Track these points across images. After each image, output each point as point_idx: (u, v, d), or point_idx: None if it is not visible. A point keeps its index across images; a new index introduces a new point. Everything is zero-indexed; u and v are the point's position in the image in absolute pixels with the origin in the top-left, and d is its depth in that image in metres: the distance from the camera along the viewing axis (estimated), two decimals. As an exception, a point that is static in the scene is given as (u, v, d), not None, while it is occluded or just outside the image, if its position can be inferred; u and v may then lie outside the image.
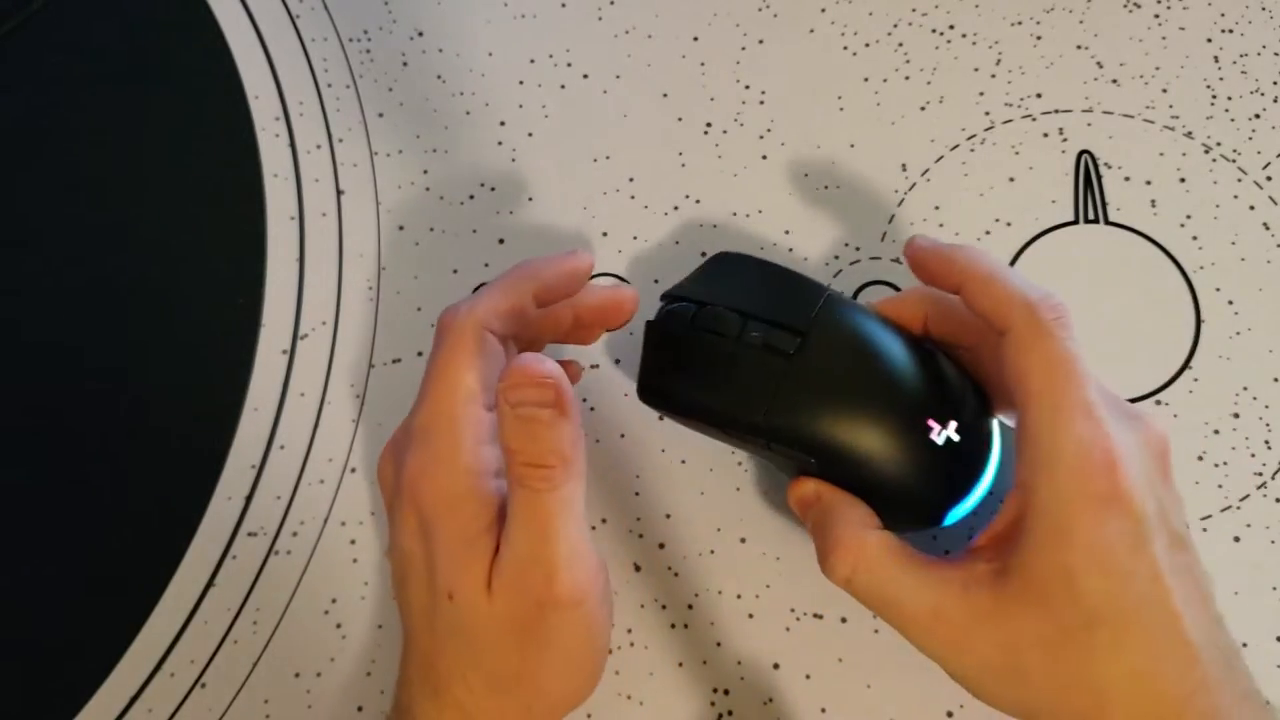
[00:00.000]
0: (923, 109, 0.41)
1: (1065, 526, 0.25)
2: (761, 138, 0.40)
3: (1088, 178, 0.39)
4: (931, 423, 0.30)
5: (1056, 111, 0.41)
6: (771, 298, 0.32)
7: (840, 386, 0.30)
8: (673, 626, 0.33)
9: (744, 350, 0.31)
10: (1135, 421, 0.27)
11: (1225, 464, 0.35)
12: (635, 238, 0.39)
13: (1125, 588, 0.25)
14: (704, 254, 0.38)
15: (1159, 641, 0.25)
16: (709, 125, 0.41)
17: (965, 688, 0.27)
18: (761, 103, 0.41)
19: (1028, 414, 0.27)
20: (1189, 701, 0.25)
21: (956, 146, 0.40)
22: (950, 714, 0.32)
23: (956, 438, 0.30)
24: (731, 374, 0.31)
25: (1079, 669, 0.25)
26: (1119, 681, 0.25)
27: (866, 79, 0.41)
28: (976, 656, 0.27)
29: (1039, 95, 0.41)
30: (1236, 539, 0.34)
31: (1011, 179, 0.39)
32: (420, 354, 0.37)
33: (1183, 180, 0.39)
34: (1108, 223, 0.39)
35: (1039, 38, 0.42)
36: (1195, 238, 0.38)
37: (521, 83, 0.42)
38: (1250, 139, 0.40)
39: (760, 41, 0.42)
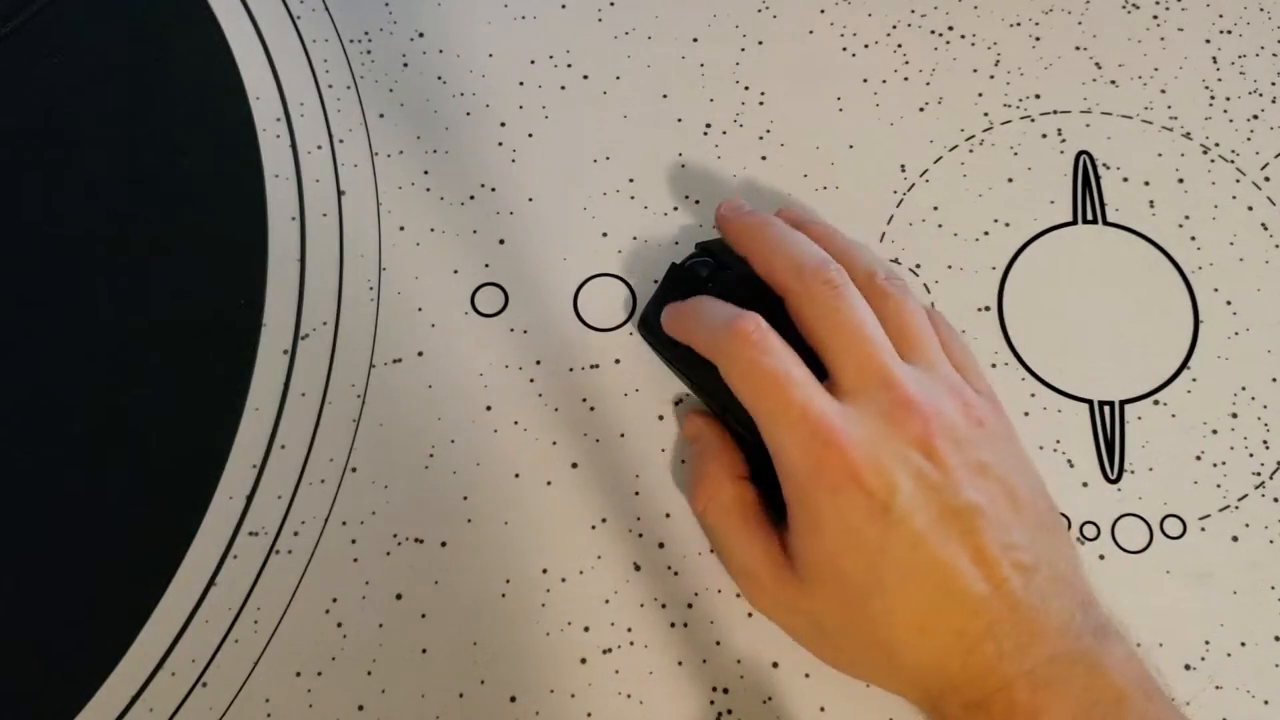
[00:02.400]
0: (922, 110, 0.41)
1: (814, 519, 0.28)
2: (761, 138, 0.40)
3: (1086, 178, 0.39)
4: None
5: (1055, 112, 0.41)
6: None
7: None
8: (672, 626, 0.33)
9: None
10: (894, 409, 0.28)
11: (1223, 464, 0.35)
12: (635, 238, 0.39)
13: (882, 559, 0.27)
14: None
15: (933, 598, 0.27)
16: (709, 126, 0.41)
17: (800, 644, 0.31)
18: (761, 103, 0.41)
19: (758, 424, 0.30)
20: (977, 644, 0.27)
21: (955, 147, 0.40)
22: (949, 713, 0.32)
23: None
24: None
25: (869, 633, 0.28)
26: (904, 637, 0.28)
27: (865, 80, 0.42)
28: (789, 620, 0.31)
29: (1038, 96, 0.41)
30: (1235, 539, 0.34)
31: (1010, 180, 0.40)
32: (420, 354, 0.37)
33: (1181, 181, 0.39)
34: (1106, 223, 0.39)
35: (1037, 39, 0.42)
36: (1194, 238, 0.38)
37: (522, 84, 0.42)
38: (1249, 139, 0.40)
39: (760, 43, 0.42)
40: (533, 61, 0.42)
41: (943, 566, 0.27)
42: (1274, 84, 0.41)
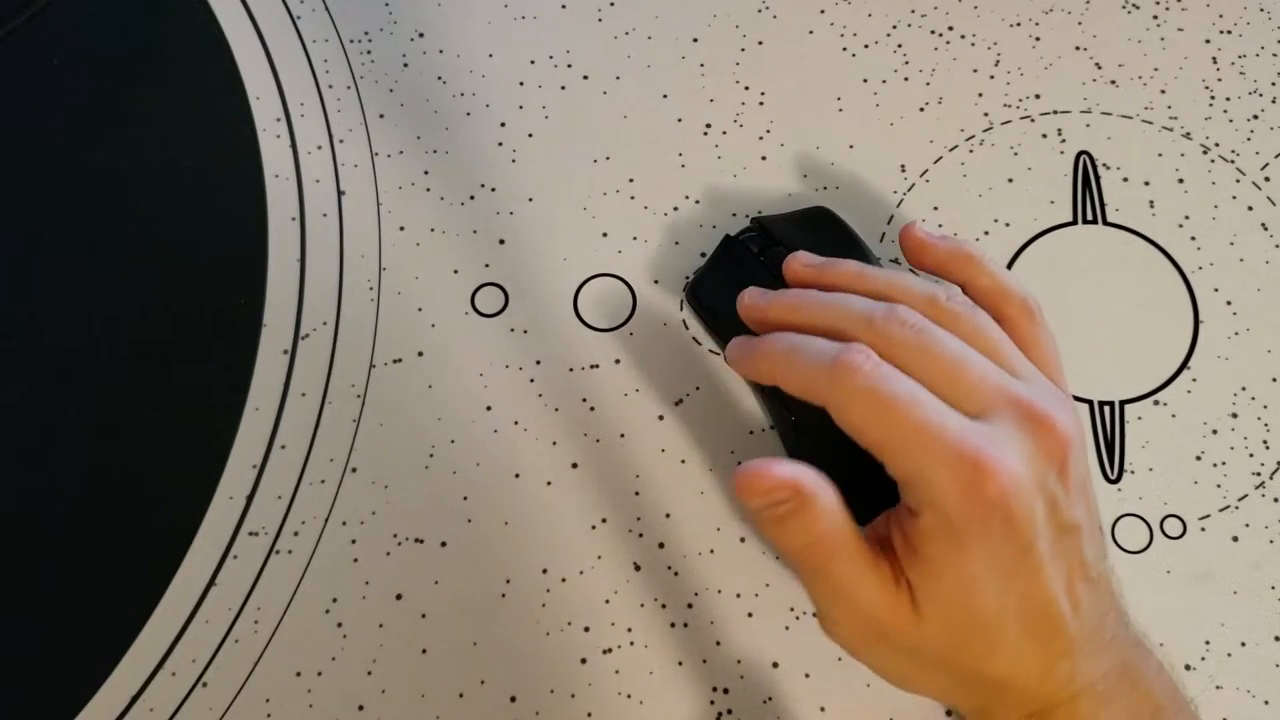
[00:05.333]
0: (922, 110, 0.41)
1: (957, 550, 0.26)
2: (761, 138, 0.40)
3: (1086, 178, 0.39)
4: None
5: (1055, 112, 0.41)
6: None
7: None
8: (672, 625, 0.33)
9: None
10: (1031, 424, 0.26)
11: (1223, 464, 0.35)
12: (635, 238, 0.39)
13: (1009, 588, 0.26)
14: (703, 255, 0.38)
15: (1037, 625, 0.26)
16: (709, 126, 0.41)
17: (872, 670, 0.29)
18: (761, 104, 0.41)
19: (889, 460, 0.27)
20: (1057, 661, 0.27)
21: (955, 147, 0.40)
22: (949, 713, 0.32)
23: None
24: None
25: (967, 662, 0.27)
26: (999, 662, 0.27)
27: (865, 80, 0.42)
28: (884, 655, 0.28)
29: (1038, 96, 0.41)
30: (1235, 539, 0.34)
31: (1010, 180, 0.40)
32: (421, 354, 0.37)
33: (1181, 181, 0.39)
34: (1106, 223, 0.39)
35: (1037, 39, 0.42)
36: (1194, 238, 0.38)
37: (522, 84, 0.42)
38: (1249, 140, 0.40)
39: (760, 43, 0.42)
40: (533, 61, 0.42)
41: (1049, 594, 0.26)
42: (1274, 84, 0.41)
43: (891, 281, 0.30)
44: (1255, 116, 0.41)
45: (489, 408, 0.36)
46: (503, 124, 0.41)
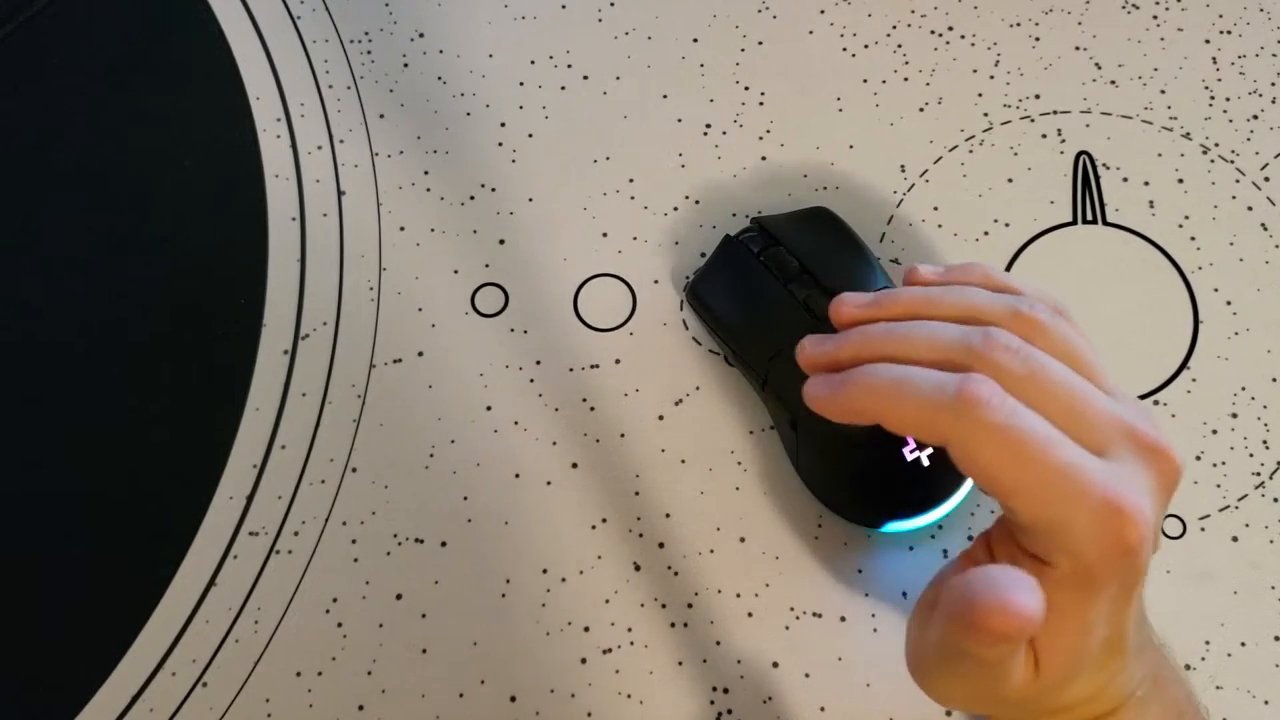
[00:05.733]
0: (921, 110, 0.41)
1: (1088, 599, 0.24)
2: (761, 139, 0.40)
3: (1086, 178, 0.39)
4: (910, 438, 0.31)
5: (1055, 112, 0.41)
6: (834, 266, 0.34)
7: None
8: (672, 625, 0.33)
9: (784, 297, 0.33)
10: (1151, 456, 0.25)
11: (1223, 464, 0.35)
12: (635, 238, 0.39)
13: (1105, 633, 0.25)
14: (703, 255, 0.38)
15: (1111, 646, 0.25)
16: (709, 126, 0.41)
17: (930, 696, 0.27)
18: (761, 104, 0.41)
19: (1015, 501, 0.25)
20: (1119, 673, 0.26)
21: (955, 147, 0.40)
22: (949, 713, 0.32)
23: (927, 462, 0.31)
24: (762, 310, 0.34)
25: (1041, 702, 0.25)
26: (1077, 686, 0.25)
27: (865, 80, 0.42)
28: (979, 704, 0.27)
29: (1037, 96, 0.41)
30: (1235, 539, 0.34)
31: (1010, 180, 0.40)
32: (420, 354, 0.37)
33: (1181, 181, 0.39)
34: (1106, 223, 0.39)
35: (1037, 39, 0.42)
36: (1193, 238, 0.38)
37: (522, 84, 0.42)
38: (1248, 140, 0.40)
39: (760, 43, 0.42)
40: (533, 61, 0.42)
41: (1127, 626, 0.25)
42: (1274, 84, 0.41)
43: (967, 301, 0.27)
44: (1255, 116, 0.41)
45: (489, 408, 0.36)
46: (503, 124, 0.41)
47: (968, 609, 0.22)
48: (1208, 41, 0.42)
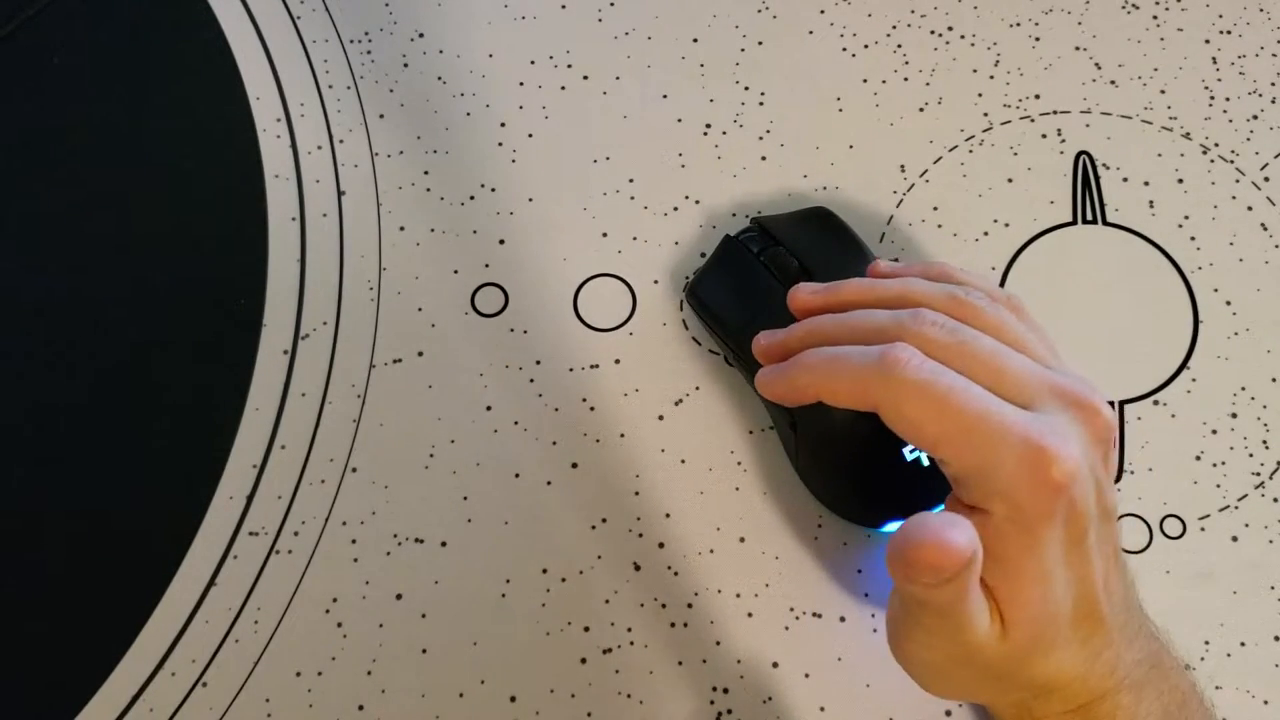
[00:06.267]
0: (921, 110, 0.41)
1: (1029, 549, 0.25)
2: (761, 139, 0.40)
3: (1086, 178, 0.39)
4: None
5: (1055, 112, 0.41)
6: (834, 266, 0.34)
7: None
8: (672, 625, 0.33)
9: (784, 297, 0.33)
10: (1076, 410, 0.26)
11: (1223, 464, 0.35)
12: (635, 238, 0.39)
13: (1066, 588, 0.26)
14: (703, 255, 0.38)
15: (1083, 620, 0.26)
16: (709, 126, 0.41)
17: (914, 677, 0.28)
18: (761, 104, 0.41)
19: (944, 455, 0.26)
20: (1100, 654, 0.26)
21: (955, 147, 0.40)
22: (949, 713, 0.32)
23: (926, 462, 0.31)
24: (762, 310, 0.34)
25: (1022, 666, 0.26)
26: (1050, 663, 0.26)
27: (865, 80, 0.42)
28: (954, 672, 0.28)
29: (1037, 96, 0.41)
30: (1234, 539, 0.34)
31: (1010, 180, 0.40)
32: (421, 354, 0.37)
33: (1181, 181, 0.39)
34: (1106, 223, 0.39)
35: (1037, 39, 0.42)
36: (1193, 238, 0.38)
37: (522, 84, 0.42)
38: (1248, 140, 0.40)
39: (760, 43, 0.42)
40: (533, 61, 0.42)
41: (1094, 584, 0.26)
42: (1274, 84, 0.41)
43: (906, 288, 0.30)
44: (1255, 116, 0.41)
45: (489, 408, 0.36)
46: (503, 124, 0.41)
47: (903, 551, 0.24)
48: (1208, 41, 0.42)
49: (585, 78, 0.42)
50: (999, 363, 0.26)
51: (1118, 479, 0.35)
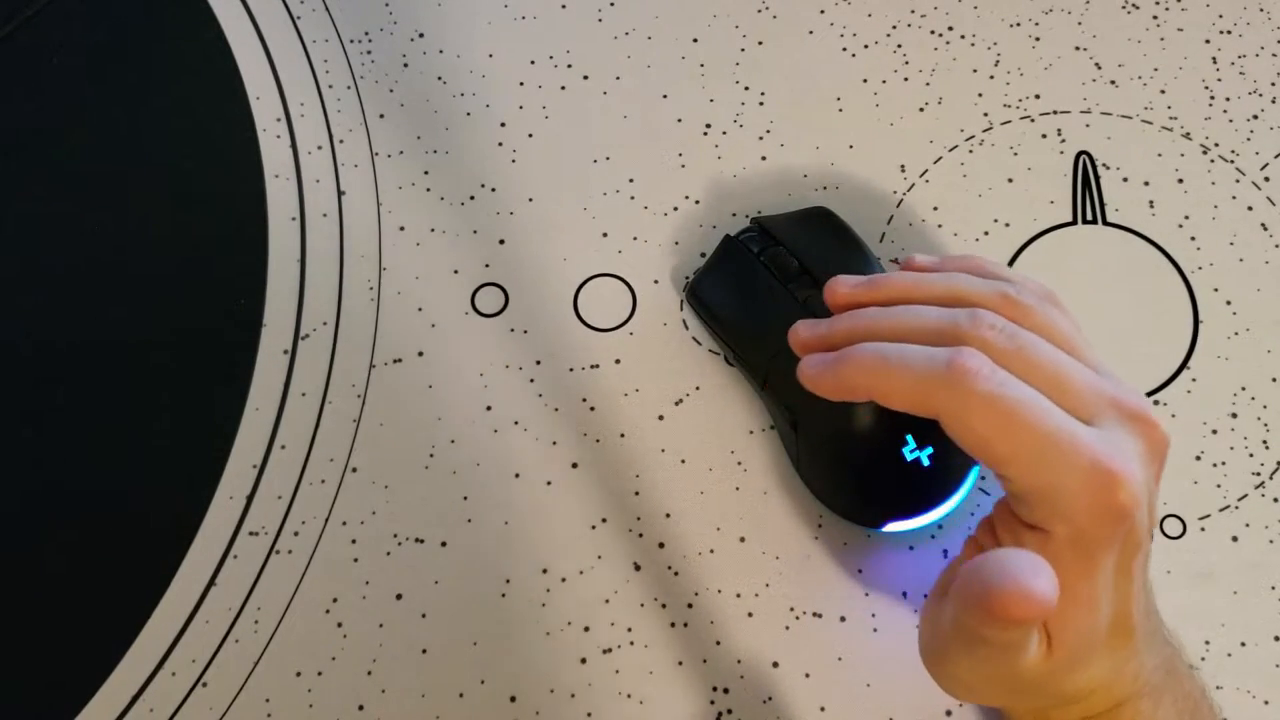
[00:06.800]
0: (921, 110, 0.41)
1: (1090, 568, 0.24)
2: (761, 139, 0.40)
3: (1086, 178, 0.39)
4: (910, 438, 0.31)
5: (1055, 112, 0.41)
6: (834, 266, 0.34)
7: None
8: (672, 625, 0.33)
9: (784, 297, 0.33)
10: (1137, 425, 0.25)
11: (1223, 464, 0.35)
12: (635, 238, 0.39)
13: (1114, 600, 0.25)
14: (703, 255, 0.38)
15: (1117, 630, 0.26)
16: (709, 126, 0.41)
17: (943, 687, 0.28)
18: (761, 104, 0.41)
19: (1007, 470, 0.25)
20: (1127, 662, 0.26)
21: (955, 147, 0.40)
22: (949, 713, 0.32)
23: (927, 463, 0.31)
24: (762, 310, 0.34)
25: (1063, 683, 0.26)
26: (1081, 672, 0.26)
27: (865, 80, 0.42)
28: (992, 691, 0.27)
29: (1037, 96, 0.41)
30: (1235, 539, 0.34)
31: (1010, 180, 0.40)
32: (420, 354, 0.37)
33: (1181, 181, 0.39)
34: (1106, 223, 0.39)
35: (1037, 39, 0.42)
36: (1193, 238, 0.38)
37: (522, 84, 0.42)
38: (1248, 140, 0.40)
39: (760, 43, 0.42)
40: (533, 61, 0.42)
41: (1132, 603, 0.25)
42: (1274, 84, 0.41)
43: (953, 284, 0.28)
44: (1255, 116, 0.41)
45: (489, 408, 0.36)
46: (503, 124, 0.41)
47: (984, 595, 0.22)
48: (1208, 41, 0.42)
49: (585, 78, 0.42)
50: (1061, 374, 0.25)
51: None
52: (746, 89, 0.41)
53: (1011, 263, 0.38)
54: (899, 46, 0.42)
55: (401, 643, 0.33)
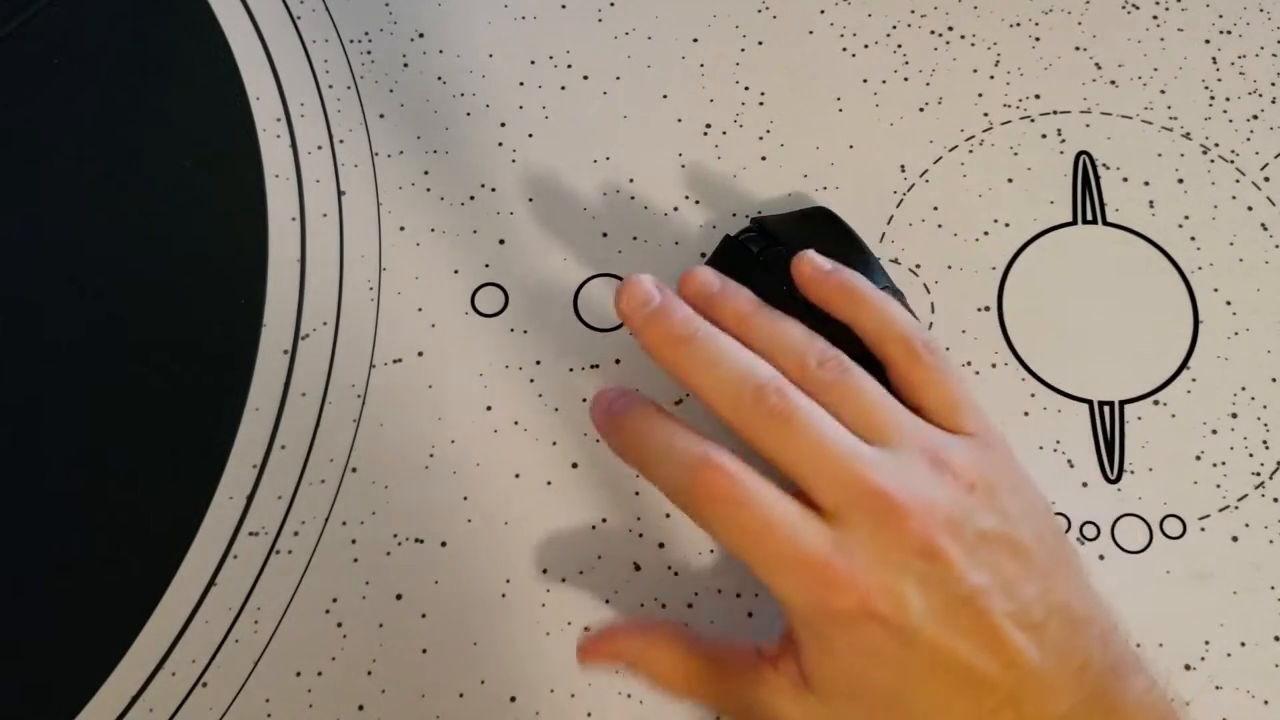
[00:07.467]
0: (921, 110, 0.41)
1: (828, 648, 0.27)
2: (761, 139, 0.40)
3: (1086, 178, 0.39)
4: None
5: (1055, 112, 0.41)
6: None
7: None
8: (673, 626, 0.33)
9: (784, 297, 0.33)
10: (886, 518, 0.27)
11: (1223, 464, 0.35)
12: (635, 238, 0.39)
13: (904, 671, 0.26)
14: (703, 255, 0.38)
15: (951, 692, 0.27)
16: (709, 126, 0.41)
17: None
18: (761, 104, 0.41)
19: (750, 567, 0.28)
20: (995, 714, 0.26)
21: (955, 147, 0.40)
22: (949, 713, 0.32)
23: None
24: None
25: None
26: None
27: (865, 80, 0.42)
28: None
29: (1037, 96, 0.41)
30: (1235, 539, 0.34)
31: (1010, 180, 0.40)
32: (420, 354, 0.37)
33: (1181, 181, 0.39)
34: (1106, 223, 0.39)
35: (1037, 39, 0.42)
36: (1193, 238, 0.38)
37: (522, 84, 0.42)
38: (1248, 140, 0.40)
39: (760, 43, 0.42)
40: (533, 61, 0.42)
41: (959, 662, 0.26)
42: (1274, 84, 0.41)
43: (773, 336, 0.30)
44: (1255, 116, 0.41)
45: (489, 408, 0.36)
46: (503, 124, 0.41)
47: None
48: (1208, 41, 0.42)
49: (585, 78, 0.42)
50: (817, 464, 0.28)
51: (1118, 479, 0.35)
52: (746, 89, 0.41)
53: (1011, 263, 0.38)
54: (899, 46, 0.42)
55: (401, 643, 0.33)
